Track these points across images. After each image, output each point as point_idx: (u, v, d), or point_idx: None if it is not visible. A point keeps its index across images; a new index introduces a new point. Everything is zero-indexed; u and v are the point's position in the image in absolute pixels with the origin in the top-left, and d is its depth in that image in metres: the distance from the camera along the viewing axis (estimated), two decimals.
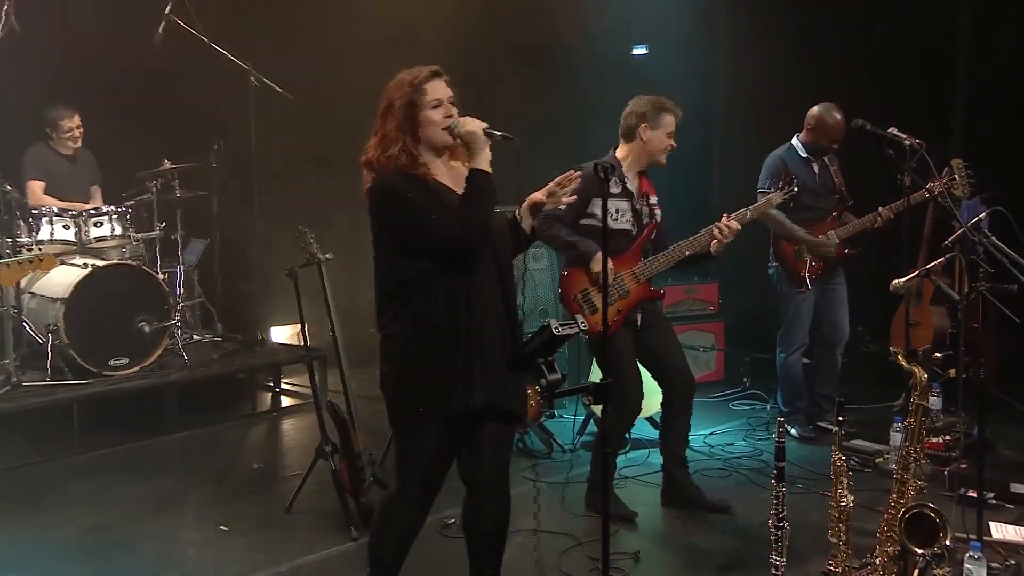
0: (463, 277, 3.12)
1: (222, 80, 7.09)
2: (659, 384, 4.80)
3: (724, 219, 4.46)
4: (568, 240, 4.52)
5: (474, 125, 3.15)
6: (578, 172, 3.39)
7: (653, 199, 4.73)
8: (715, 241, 4.44)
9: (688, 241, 4.54)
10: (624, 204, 4.59)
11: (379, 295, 3.20)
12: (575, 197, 3.51)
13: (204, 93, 7.20)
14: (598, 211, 4.45)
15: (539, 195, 3.35)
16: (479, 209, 3.10)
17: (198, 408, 6.42)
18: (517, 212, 3.37)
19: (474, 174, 3.13)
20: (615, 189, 4.56)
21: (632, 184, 4.63)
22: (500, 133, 3.17)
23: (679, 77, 7.87)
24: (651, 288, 4.65)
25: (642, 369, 4.88)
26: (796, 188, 4.86)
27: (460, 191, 3.15)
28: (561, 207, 3.70)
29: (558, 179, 3.34)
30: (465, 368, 3.11)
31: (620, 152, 4.67)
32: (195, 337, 7.18)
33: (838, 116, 5.67)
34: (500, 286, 3.21)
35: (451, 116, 3.19)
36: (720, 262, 4.67)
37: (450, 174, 3.25)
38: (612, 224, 4.53)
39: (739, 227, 4.46)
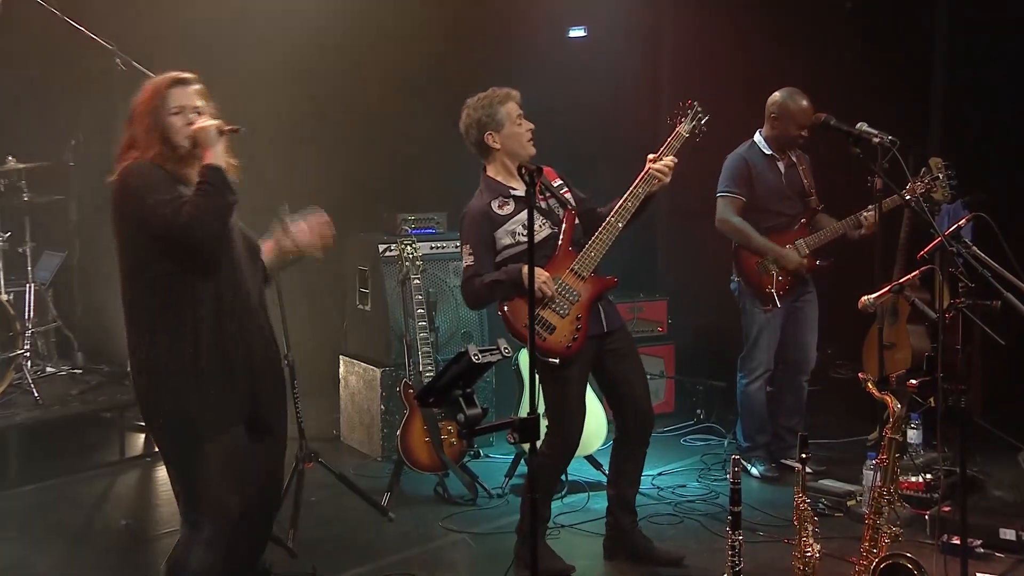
0: (220, 282, 3.46)
1: (80, 62, 6.98)
2: (614, 415, 4.87)
3: (658, 164, 4.60)
4: (489, 282, 4.57)
5: (205, 123, 3.49)
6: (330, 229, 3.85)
7: (557, 183, 4.79)
8: (656, 183, 4.60)
9: (617, 213, 4.61)
10: (525, 214, 4.63)
11: (131, 307, 3.48)
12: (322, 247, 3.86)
13: (58, 78, 7.08)
14: (507, 239, 4.60)
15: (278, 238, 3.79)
16: (208, 199, 3.39)
17: (52, 455, 6.28)
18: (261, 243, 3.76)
19: (204, 170, 3.45)
20: (506, 210, 4.64)
21: (521, 191, 4.69)
22: (230, 127, 3.53)
23: (620, 62, 8.00)
24: (595, 276, 4.65)
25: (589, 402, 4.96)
26: (700, 111, 4.84)
27: None
28: (470, 261, 4.45)
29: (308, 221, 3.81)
30: (239, 383, 3.45)
31: (490, 171, 4.75)
32: (49, 369, 7.04)
33: (803, 102, 5.81)
34: (254, 291, 3.60)
35: (191, 124, 3.51)
36: (635, 240, 4.77)
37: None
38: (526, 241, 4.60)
39: (675, 161, 4.63)
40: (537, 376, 4.97)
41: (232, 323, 3.46)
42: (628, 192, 4.61)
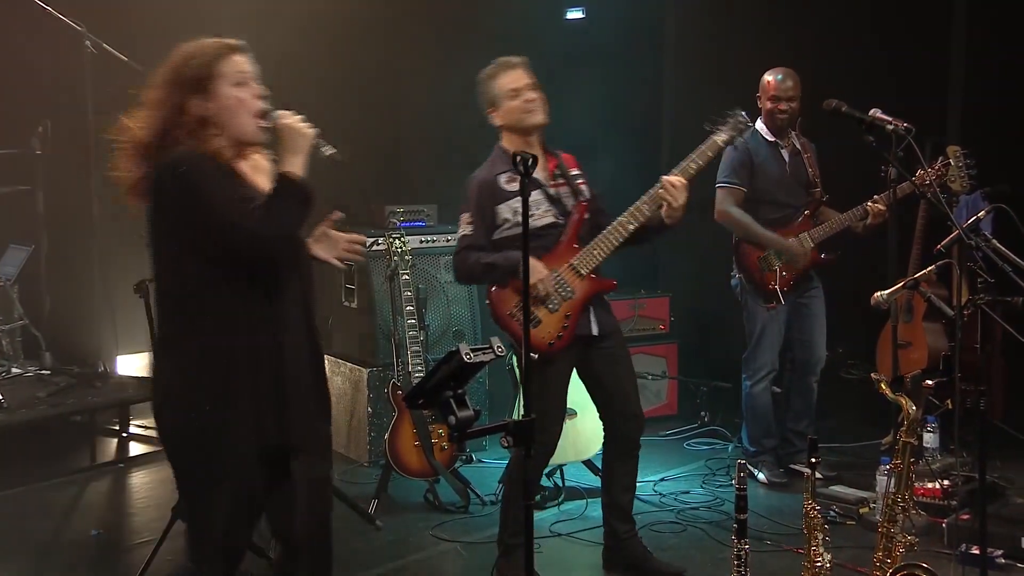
0: (267, 292, 3.21)
1: (47, 44, 6.97)
2: (601, 417, 4.87)
3: (666, 178, 4.52)
4: (486, 263, 4.57)
5: (303, 126, 3.22)
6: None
7: (575, 172, 4.78)
8: (665, 207, 4.52)
9: (629, 213, 4.57)
10: (535, 196, 4.61)
11: (160, 310, 3.25)
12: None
13: (23, 61, 7.06)
14: (508, 214, 4.59)
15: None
16: (288, 213, 3.16)
17: (17, 461, 6.27)
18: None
19: (288, 177, 3.18)
20: (513, 186, 4.60)
21: (536, 171, 4.67)
22: (329, 151, 3.31)
23: (621, 44, 8.01)
24: (593, 276, 4.63)
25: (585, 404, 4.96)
26: (743, 121, 4.87)
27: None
28: (468, 230, 4.45)
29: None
30: (272, 402, 3.21)
31: (504, 142, 4.75)
32: (14, 370, 7.01)
33: (777, 75, 5.86)
34: (305, 309, 3.33)
35: (261, 97, 3.23)
36: (676, 233, 4.72)
37: (257, 173, 3.31)
38: (531, 222, 4.56)
39: (685, 182, 4.51)
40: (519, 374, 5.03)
41: (268, 339, 3.20)
42: (633, 207, 4.58)
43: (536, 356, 4.45)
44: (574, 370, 4.77)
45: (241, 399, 3.17)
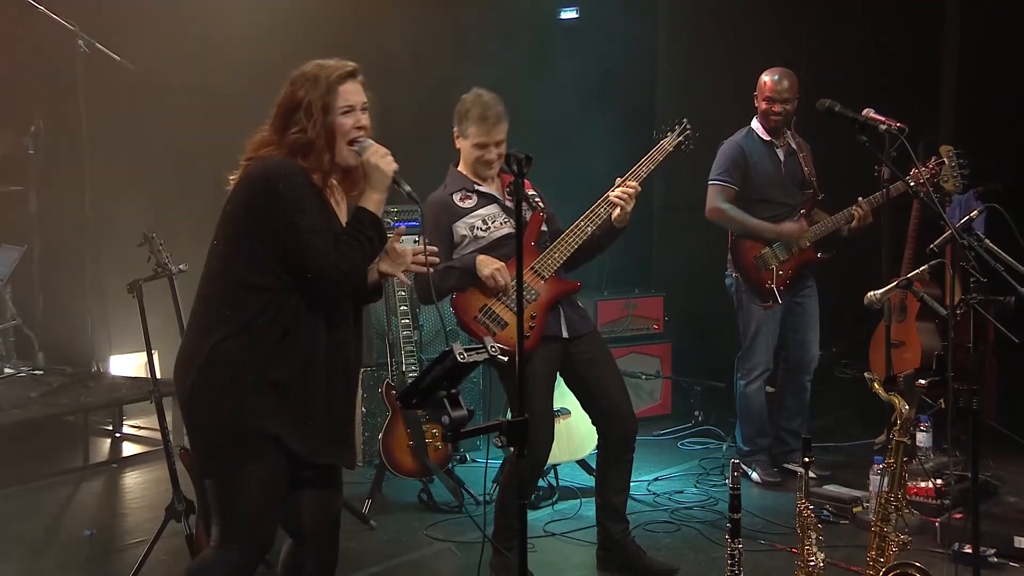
0: (328, 312, 3.31)
1: (40, 43, 6.96)
2: (593, 423, 4.87)
3: (619, 182, 4.61)
4: (442, 268, 4.57)
5: (385, 163, 3.35)
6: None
7: (531, 192, 4.81)
8: (617, 211, 4.60)
9: (586, 217, 4.64)
10: (491, 210, 4.70)
11: (210, 301, 3.30)
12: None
13: (16, 59, 7.06)
14: (465, 231, 4.66)
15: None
16: (360, 250, 3.31)
17: (11, 461, 6.24)
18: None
19: (364, 214, 3.35)
20: (467, 203, 4.69)
21: (490, 188, 4.76)
22: (407, 188, 3.42)
23: (615, 45, 8.01)
24: (556, 277, 4.67)
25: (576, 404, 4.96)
26: (689, 128, 4.95)
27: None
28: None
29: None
30: (310, 405, 3.29)
31: (460, 166, 4.82)
32: (7, 370, 7.03)
33: (773, 75, 5.85)
34: (356, 326, 3.46)
35: (361, 128, 3.36)
36: (628, 233, 4.76)
37: (340, 204, 3.42)
38: (489, 234, 4.67)
39: (638, 188, 4.63)
40: (498, 374, 5.03)
41: (318, 345, 3.30)
42: (590, 210, 4.64)
43: (507, 359, 4.45)
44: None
45: (279, 404, 3.24)
